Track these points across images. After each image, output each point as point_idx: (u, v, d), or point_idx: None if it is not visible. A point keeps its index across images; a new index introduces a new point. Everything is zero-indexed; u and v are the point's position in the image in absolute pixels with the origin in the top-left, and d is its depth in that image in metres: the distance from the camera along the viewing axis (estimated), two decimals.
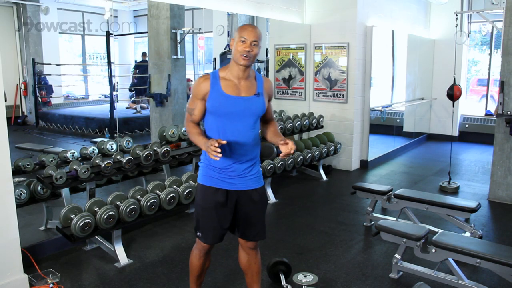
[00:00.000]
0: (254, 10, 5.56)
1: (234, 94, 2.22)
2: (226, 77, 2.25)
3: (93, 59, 12.18)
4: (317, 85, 6.35)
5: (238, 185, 2.29)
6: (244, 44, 2.16)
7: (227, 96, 2.20)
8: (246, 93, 2.25)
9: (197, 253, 2.46)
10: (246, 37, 2.16)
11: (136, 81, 9.59)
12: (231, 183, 2.28)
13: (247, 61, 2.19)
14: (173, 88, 6.56)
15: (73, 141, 7.82)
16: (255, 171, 2.34)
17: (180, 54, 6.57)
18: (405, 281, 3.07)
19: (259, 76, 2.35)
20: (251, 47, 2.17)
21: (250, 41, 2.17)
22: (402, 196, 3.94)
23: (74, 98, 10.89)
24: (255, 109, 2.26)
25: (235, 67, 2.24)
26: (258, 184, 2.35)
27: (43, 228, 3.87)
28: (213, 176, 2.28)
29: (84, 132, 8.28)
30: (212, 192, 2.28)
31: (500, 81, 4.66)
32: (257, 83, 2.30)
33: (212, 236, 2.35)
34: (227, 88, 2.22)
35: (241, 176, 2.29)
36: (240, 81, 2.25)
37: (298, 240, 3.81)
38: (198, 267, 2.49)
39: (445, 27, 8.25)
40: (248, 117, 2.25)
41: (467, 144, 8.23)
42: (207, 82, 2.23)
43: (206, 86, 2.22)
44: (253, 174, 2.32)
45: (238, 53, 2.18)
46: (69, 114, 9.06)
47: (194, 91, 2.26)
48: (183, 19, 6.66)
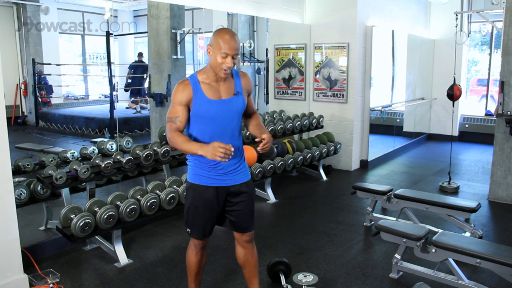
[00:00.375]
0: (254, 10, 5.56)
1: (216, 98, 2.22)
2: (205, 81, 2.24)
3: (93, 59, 12.18)
4: (317, 85, 6.35)
5: (227, 181, 2.31)
6: (226, 59, 2.12)
7: (211, 101, 2.21)
8: (226, 95, 2.25)
9: (193, 250, 2.49)
10: (228, 51, 2.11)
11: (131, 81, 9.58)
12: (220, 179, 2.30)
13: (228, 74, 2.19)
14: (173, 88, 6.55)
15: (73, 141, 7.82)
16: (242, 166, 2.38)
17: (180, 54, 6.57)
18: (405, 281, 3.07)
19: (235, 73, 2.33)
20: (232, 61, 2.14)
21: (232, 55, 2.12)
22: (402, 196, 3.94)
23: (74, 98, 10.88)
24: (236, 108, 2.28)
25: (212, 73, 2.22)
26: (246, 178, 2.39)
27: (43, 228, 3.87)
28: (202, 175, 2.30)
29: (84, 132, 8.27)
30: (202, 190, 2.31)
31: (500, 81, 4.66)
32: (235, 82, 2.30)
33: (203, 232, 2.40)
34: (208, 92, 2.21)
35: (230, 172, 2.32)
36: (219, 83, 2.25)
37: (298, 240, 3.80)
38: (195, 263, 2.51)
39: (445, 27, 8.25)
40: (231, 117, 2.27)
41: (467, 144, 8.23)
42: (189, 87, 2.20)
43: (188, 92, 2.20)
44: (240, 169, 2.36)
45: (218, 66, 2.15)
46: (69, 114, 9.05)
47: (177, 98, 2.21)
48: (183, 19, 6.66)
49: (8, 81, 9.16)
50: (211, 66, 2.20)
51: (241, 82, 2.31)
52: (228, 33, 2.16)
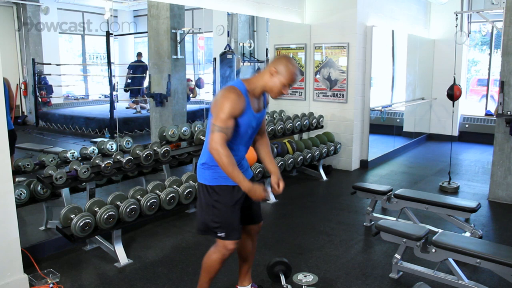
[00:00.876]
0: (254, 10, 5.56)
1: (256, 111, 2.36)
2: (250, 94, 2.31)
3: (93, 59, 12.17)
4: (317, 85, 6.35)
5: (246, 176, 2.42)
6: (286, 89, 2.31)
7: (255, 115, 2.34)
8: (260, 108, 2.41)
9: (219, 257, 2.44)
10: (292, 84, 2.30)
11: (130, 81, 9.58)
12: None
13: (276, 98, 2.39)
14: (173, 88, 6.56)
15: (73, 141, 7.82)
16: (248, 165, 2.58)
17: (180, 54, 6.57)
18: (405, 281, 3.07)
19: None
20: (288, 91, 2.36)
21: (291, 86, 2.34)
22: (402, 196, 3.94)
23: (74, 98, 10.88)
24: (261, 120, 2.47)
25: (260, 89, 2.33)
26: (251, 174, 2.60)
27: (43, 228, 3.87)
28: (225, 176, 2.30)
29: (84, 132, 8.27)
30: (231, 189, 2.36)
31: (500, 81, 4.66)
32: (264, 98, 2.46)
33: (238, 231, 2.43)
34: (253, 105, 2.33)
35: (246, 170, 2.49)
36: (257, 97, 2.38)
37: (298, 240, 3.80)
38: (218, 270, 2.51)
39: (445, 27, 8.25)
40: (256, 127, 2.43)
41: (467, 144, 8.23)
42: (243, 100, 2.24)
43: (243, 105, 2.24)
44: (248, 166, 2.56)
45: (277, 90, 2.29)
46: (69, 114, 9.05)
47: (232, 109, 2.17)
48: (183, 19, 6.65)
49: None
50: (266, 86, 2.31)
51: (266, 98, 2.49)
52: (297, 68, 2.33)
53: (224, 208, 2.36)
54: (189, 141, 4.76)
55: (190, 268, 3.26)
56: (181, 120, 6.59)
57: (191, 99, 8.29)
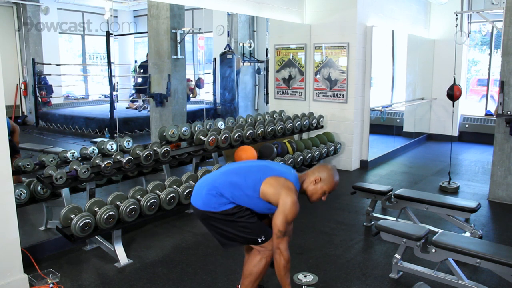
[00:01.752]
0: (254, 10, 5.56)
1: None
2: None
3: (93, 59, 12.17)
4: (317, 85, 6.35)
5: None
6: (325, 196, 2.51)
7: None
8: None
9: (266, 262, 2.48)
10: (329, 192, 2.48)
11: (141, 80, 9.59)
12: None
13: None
14: (173, 88, 6.56)
15: (73, 141, 7.82)
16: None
17: (180, 54, 6.57)
18: (405, 281, 3.07)
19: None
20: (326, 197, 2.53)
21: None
22: (402, 196, 3.94)
23: (74, 98, 10.88)
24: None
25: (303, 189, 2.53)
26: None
27: (43, 228, 3.87)
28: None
29: (84, 132, 8.27)
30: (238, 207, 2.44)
31: (500, 81, 4.66)
32: None
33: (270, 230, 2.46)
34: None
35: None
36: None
37: (298, 240, 3.80)
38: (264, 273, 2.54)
39: (445, 27, 8.25)
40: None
41: (467, 144, 8.23)
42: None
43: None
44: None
45: (317, 197, 2.51)
46: (69, 114, 9.05)
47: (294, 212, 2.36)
48: (183, 19, 6.66)
49: (8, 81, 9.15)
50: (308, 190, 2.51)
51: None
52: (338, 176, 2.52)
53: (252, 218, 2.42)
54: (189, 141, 4.76)
55: (190, 268, 3.26)
56: (181, 120, 6.59)
57: (191, 99, 8.30)
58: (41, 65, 9.71)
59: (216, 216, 2.39)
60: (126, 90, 10.42)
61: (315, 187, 2.46)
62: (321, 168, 2.49)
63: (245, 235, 2.43)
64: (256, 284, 2.53)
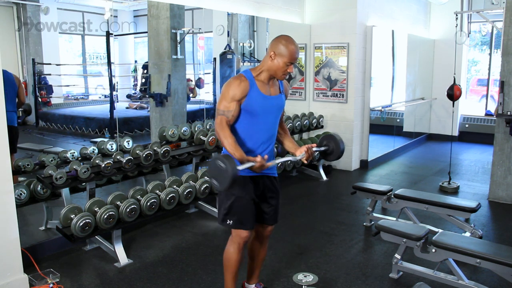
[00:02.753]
0: (254, 10, 5.56)
1: (268, 94, 2.40)
2: (258, 78, 2.38)
3: (93, 59, 12.17)
4: (317, 85, 6.35)
5: (264, 171, 2.42)
6: (289, 67, 2.34)
7: (264, 96, 2.37)
8: (274, 92, 2.44)
9: (236, 248, 2.49)
10: (293, 61, 2.32)
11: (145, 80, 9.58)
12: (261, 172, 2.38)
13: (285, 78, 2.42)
14: (173, 88, 6.56)
15: (73, 141, 7.81)
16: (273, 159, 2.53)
17: (180, 54, 6.57)
18: (405, 281, 3.07)
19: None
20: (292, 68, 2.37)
21: (294, 63, 2.36)
22: (402, 196, 3.94)
23: (74, 98, 10.88)
24: (281, 105, 2.49)
25: (267, 74, 2.37)
26: (276, 173, 2.61)
27: (43, 228, 3.87)
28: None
29: (84, 132, 8.26)
30: (247, 180, 2.41)
31: (500, 81, 4.66)
32: (279, 83, 2.50)
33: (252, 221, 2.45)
34: (262, 89, 2.37)
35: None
36: (270, 83, 2.43)
37: (298, 240, 3.80)
38: (236, 262, 2.52)
39: (445, 27, 8.25)
40: (276, 113, 2.46)
41: (467, 144, 8.23)
42: (246, 84, 2.33)
43: (246, 88, 2.33)
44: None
45: (280, 71, 2.34)
46: (69, 114, 9.03)
47: (233, 92, 2.30)
48: (183, 19, 6.65)
49: None
50: (270, 69, 2.35)
51: (283, 84, 2.52)
52: (293, 43, 2.33)
53: (237, 198, 2.42)
54: (189, 141, 4.76)
55: (190, 268, 3.26)
56: (181, 120, 6.59)
57: (191, 99, 8.29)
58: (41, 65, 9.70)
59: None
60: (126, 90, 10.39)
61: (273, 63, 2.31)
62: (274, 42, 2.33)
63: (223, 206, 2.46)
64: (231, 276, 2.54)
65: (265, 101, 2.37)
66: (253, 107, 2.34)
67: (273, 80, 2.44)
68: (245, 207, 2.42)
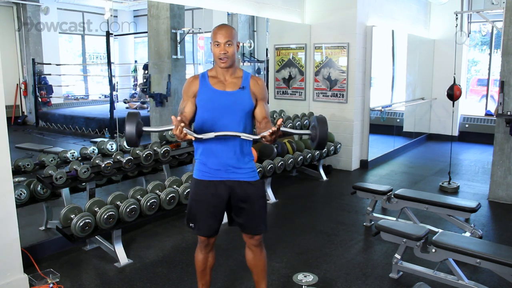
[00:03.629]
0: (254, 10, 5.56)
1: (220, 89, 2.31)
2: (213, 75, 2.35)
3: (93, 59, 12.17)
4: (317, 85, 6.35)
5: (229, 176, 2.33)
6: (219, 47, 2.24)
7: (214, 90, 2.30)
8: (231, 88, 2.32)
9: (197, 248, 2.51)
10: (219, 40, 2.23)
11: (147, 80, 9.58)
12: (221, 176, 2.34)
13: (225, 63, 2.26)
14: (173, 88, 6.56)
15: (73, 141, 7.81)
16: (246, 165, 2.37)
17: (180, 54, 6.57)
18: (405, 281, 3.07)
19: (246, 75, 2.39)
20: (225, 48, 2.23)
21: (223, 43, 2.23)
22: (402, 196, 3.94)
23: (74, 98, 10.88)
24: (241, 103, 2.31)
25: (219, 68, 2.32)
26: (251, 178, 2.38)
27: (43, 228, 3.87)
28: (204, 170, 2.36)
29: (84, 132, 8.26)
30: (204, 185, 2.36)
31: (500, 81, 4.66)
32: (243, 79, 2.36)
33: (206, 228, 2.38)
34: (214, 84, 2.32)
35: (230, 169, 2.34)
36: (226, 78, 2.33)
37: (298, 240, 3.80)
38: (199, 262, 2.52)
39: (445, 27, 8.25)
40: (234, 112, 2.30)
41: (467, 144, 8.23)
42: (196, 80, 2.34)
43: (195, 84, 2.33)
44: (243, 168, 2.36)
45: (216, 57, 2.27)
46: (69, 114, 9.04)
47: (185, 90, 2.36)
48: (183, 19, 6.66)
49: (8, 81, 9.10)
50: (215, 60, 2.30)
51: (249, 81, 2.36)
52: (218, 25, 2.29)
53: (191, 200, 2.41)
54: (189, 141, 4.75)
55: (190, 268, 3.26)
56: None
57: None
58: (41, 65, 9.70)
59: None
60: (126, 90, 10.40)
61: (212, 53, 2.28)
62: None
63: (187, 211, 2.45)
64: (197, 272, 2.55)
65: (214, 95, 2.28)
66: (202, 101, 2.30)
67: (232, 76, 2.33)
68: (198, 213, 2.37)
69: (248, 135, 2.24)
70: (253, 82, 2.36)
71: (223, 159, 2.32)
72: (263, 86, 2.40)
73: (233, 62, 2.30)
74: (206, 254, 2.50)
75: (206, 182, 2.35)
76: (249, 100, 2.33)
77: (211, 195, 2.34)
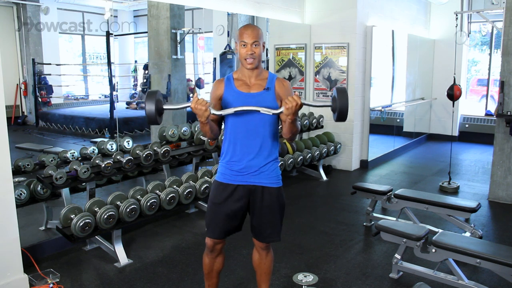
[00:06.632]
0: (254, 10, 5.56)
1: (245, 91, 2.30)
2: (238, 78, 2.34)
3: (93, 59, 12.17)
4: (317, 85, 6.35)
5: (249, 181, 2.32)
6: (246, 48, 2.23)
7: (239, 93, 2.29)
8: (256, 89, 2.31)
9: (205, 250, 2.49)
10: (246, 40, 2.22)
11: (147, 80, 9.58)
12: (242, 180, 2.32)
13: (252, 64, 2.26)
14: (173, 88, 6.56)
15: (73, 141, 7.81)
16: (269, 169, 2.35)
17: (180, 54, 6.57)
18: (405, 281, 3.07)
19: (272, 76, 2.38)
20: (252, 49, 2.23)
21: (250, 43, 2.22)
22: (402, 196, 3.94)
23: (74, 98, 10.88)
24: (264, 105, 2.25)
25: (244, 69, 2.32)
26: (274, 184, 2.35)
27: (43, 228, 3.87)
28: (225, 173, 2.36)
29: (84, 132, 8.26)
30: (222, 187, 2.35)
31: (500, 81, 4.66)
32: (268, 80, 2.34)
33: (217, 231, 2.38)
34: (239, 86, 2.32)
35: (252, 173, 2.31)
36: (251, 80, 2.32)
37: (298, 240, 3.80)
38: (205, 264, 2.50)
39: (445, 27, 8.25)
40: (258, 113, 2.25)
41: (467, 144, 8.23)
42: (222, 83, 2.35)
43: (221, 87, 2.33)
44: (266, 171, 2.33)
45: (242, 58, 2.26)
46: (69, 114, 9.04)
47: (212, 94, 2.36)
48: (183, 19, 6.65)
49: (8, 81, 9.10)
50: (240, 61, 2.29)
51: (274, 83, 2.34)
52: (244, 25, 2.30)
53: (211, 203, 2.41)
54: (189, 141, 4.76)
55: (190, 268, 3.26)
56: (181, 120, 6.59)
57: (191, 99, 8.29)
58: (41, 65, 9.70)
59: None
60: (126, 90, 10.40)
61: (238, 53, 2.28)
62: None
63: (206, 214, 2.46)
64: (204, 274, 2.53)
65: (239, 98, 2.26)
66: (226, 102, 2.29)
67: (257, 78, 2.31)
68: (213, 215, 2.37)
69: (267, 109, 2.21)
70: (278, 83, 2.34)
71: (247, 162, 2.31)
72: (289, 88, 2.38)
73: (259, 63, 2.30)
74: (212, 259, 2.47)
75: (226, 185, 2.34)
76: (273, 101, 2.31)
77: (229, 199, 2.33)
